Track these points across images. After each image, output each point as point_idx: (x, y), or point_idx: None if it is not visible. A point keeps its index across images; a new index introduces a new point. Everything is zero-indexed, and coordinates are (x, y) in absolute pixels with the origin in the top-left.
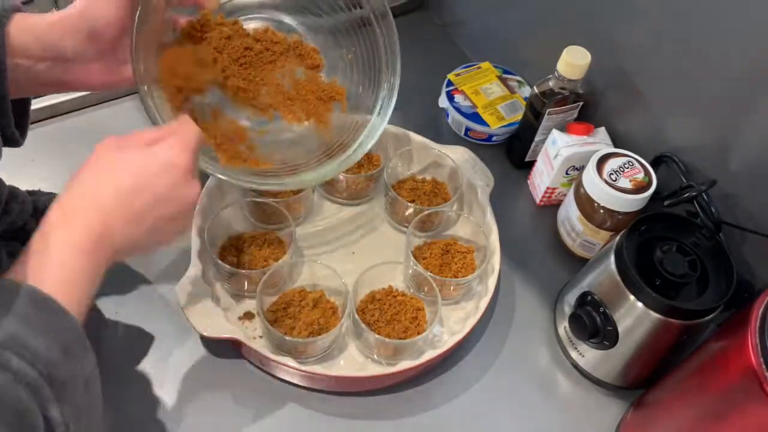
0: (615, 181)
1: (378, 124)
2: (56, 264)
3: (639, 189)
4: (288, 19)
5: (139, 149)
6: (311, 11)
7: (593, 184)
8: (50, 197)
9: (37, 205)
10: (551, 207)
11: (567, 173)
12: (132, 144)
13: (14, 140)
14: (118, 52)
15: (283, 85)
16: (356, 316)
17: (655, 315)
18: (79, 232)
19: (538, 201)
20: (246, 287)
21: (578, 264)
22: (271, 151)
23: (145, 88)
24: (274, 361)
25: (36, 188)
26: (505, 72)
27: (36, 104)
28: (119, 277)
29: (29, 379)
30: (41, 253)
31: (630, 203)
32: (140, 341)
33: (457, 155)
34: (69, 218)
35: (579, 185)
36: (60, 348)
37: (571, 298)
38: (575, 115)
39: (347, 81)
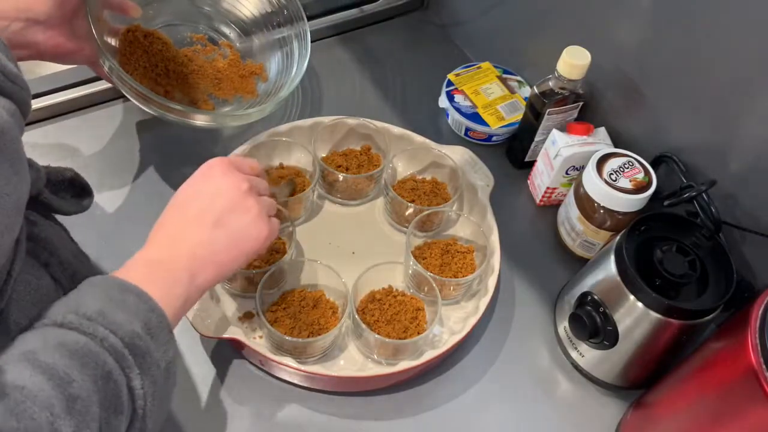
0: (615, 181)
1: (301, 63)
2: (131, 271)
3: (639, 189)
4: (203, 26)
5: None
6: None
7: (593, 184)
8: (60, 169)
9: (50, 177)
10: (551, 207)
11: (567, 173)
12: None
13: None
14: (75, 23)
15: (211, 75)
16: (356, 316)
17: (655, 315)
18: (150, 246)
19: (538, 201)
20: (246, 287)
21: (578, 264)
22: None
23: (104, 59)
24: (274, 361)
25: None
26: (505, 72)
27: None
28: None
29: (113, 344)
30: (120, 271)
31: (630, 203)
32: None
33: (457, 155)
34: (148, 242)
35: (579, 185)
36: (142, 325)
37: (571, 298)
38: (575, 115)
39: (263, 57)
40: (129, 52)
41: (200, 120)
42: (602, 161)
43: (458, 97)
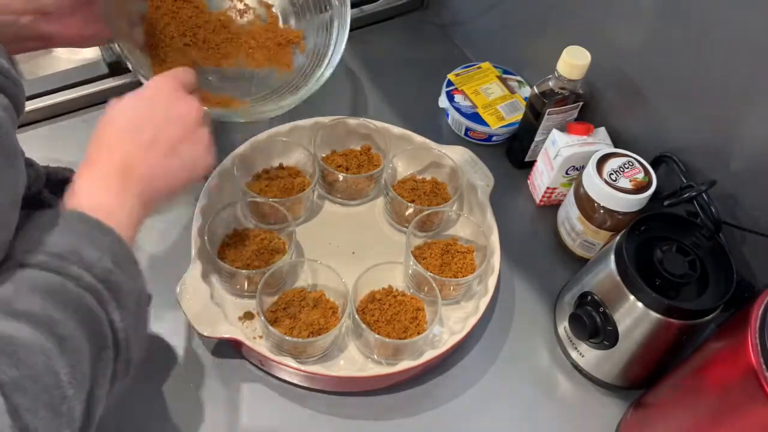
0: (615, 181)
1: (335, 55)
2: (86, 197)
3: (639, 189)
4: None
5: (130, 95)
6: None
7: (593, 184)
8: (60, 169)
9: (50, 176)
10: (551, 207)
11: (567, 173)
12: (125, 95)
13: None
14: (88, 9)
15: (245, 44)
16: (356, 316)
17: (655, 315)
18: (98, 169)
19: (538, 201)
20: (246, 287)
21: (578, 264)
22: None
23: (119, 45)
24: (274, 361)
25: None
26: (505, 72)
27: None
28: None
29: (89, 283)
30: (72, 196)
31: (630, 203)
32: None
33: (457, 155)
34: (89, 164)
35: (579, 185)
36: (112, 259)
37: (571, 298)
38: (575, 115)
39: (302, 24)
40: (155, 20)
41: (231, 118)
42: (602, 161)
43: (458, 97)
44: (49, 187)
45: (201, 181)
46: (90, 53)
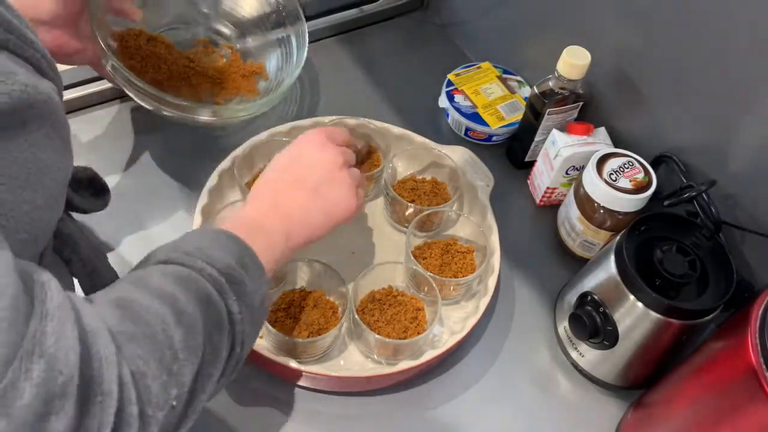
0: (615, 181)
1: (300, 55)
2: (233, 217)
3: (639, 189)
4: (203, 29)
5: (290, 145)
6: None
7: (593, 184)
8: (80, 168)
9: (72, 174)
10: (551, 207)
11: (567, 173)
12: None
13: None
14: (79, 24)
15: (213, 76)
16: (356, 316)
17: (655, 315)
18: (252, 200)
19: (538, 201)
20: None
21: (578, 264)
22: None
23: (107, 60)
24: (274, 361)
25: None
26: (505, 72)
27: None
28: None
29: (211, 274)
30: (224, 220)
31: (630, 203)
32: None
33: (457, 155)
34: (248, 198)
35: (579, 185)
36: (236, 260)
37: (571, 298)
38: (575, 115)
39: (263, 56)
40: (129, 55)
41: (205, 115)
42: (602, 161)
43: (458, 97)
44: (71, 186)
45: (346, 222)
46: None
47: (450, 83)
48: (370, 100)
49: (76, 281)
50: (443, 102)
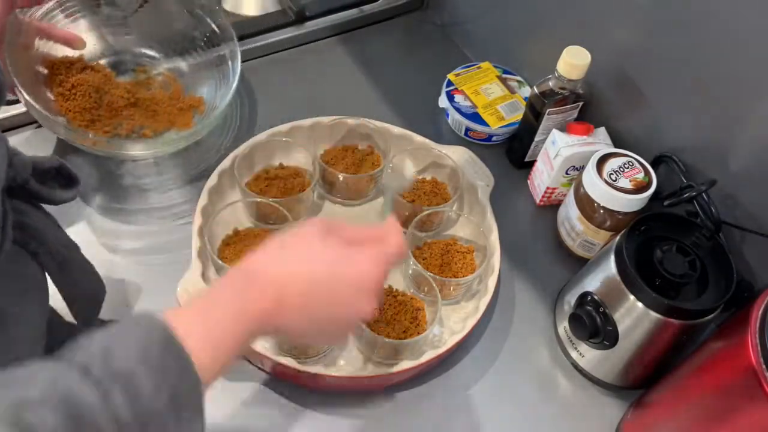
0: (615, 181)
1: (232, 83)
2: (212, 320)
3: (639, 189)
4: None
5: (343, 245)
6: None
7: (593, 184)
8: (47, 158)
9: (36, 166)
10: (551, 207)
11: (567, 173)
12: (338, 235)
13: None
14: None
15: (148, 108)
16: None
17: (655, 315)
18: (252, 300)
19: (538, 201)
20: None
21: (578, 264)
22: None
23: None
24: (274, 361)
25: None
26: (505, 72)
27: None
28: (119, 278)
29: (124, 420)
30: (207, 303)
31: (630, 203)
32: None
33: (457, 155)
34: (250, 282)
35: (579, 185)
36: (168, 399)
37: (571, 298)
38: (575, 115)
39: (200, 84)
40: (57, 83)
41: (133, 150)
42: (602, 161)
43: (458, 97)
44: (36, 177)
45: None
46: (89, 52)
47: (450, 83)
48: (370, 100)
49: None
50: (443, 102)
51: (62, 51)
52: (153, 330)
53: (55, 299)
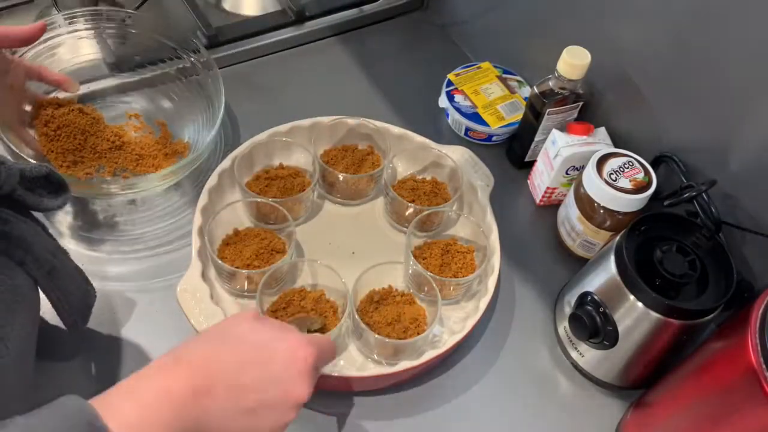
0: (615, 181)
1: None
2: (138, 403)
3: (639, 189)
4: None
5: (275, 327)
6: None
7: (593, 184)
8: (36, 166)
9: (25, 174)
10: (551, 207)
11: (567, 173)
12: (270, 319)
13: None
14: None
15: (134, 152)
16: (356, 316)
17: (655, 315)
18: (181, 382)
19: (538, 201)
20: (246, 287)
21: (578, 264)
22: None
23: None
24: None
25: None
26: (505, 72)
27: None
28: (117, 279)
29: None
30: (134, 386)
31: (630, 203)
32: (140, 341)
33: (457, 155)
34: (178, 362)
35: (579, 185)
36: None
37: (571, 298)
38: (575, 115)
39: (188, 130)
40: (43, 122)
41: (114, 189)
42: (602, 161)
43: (458, 97)
44: (24, 185)
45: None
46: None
47: (450, 83)
48: (370, 100)
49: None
50: (443, 102)
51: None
52: (76, 415)
53: (43, 301)
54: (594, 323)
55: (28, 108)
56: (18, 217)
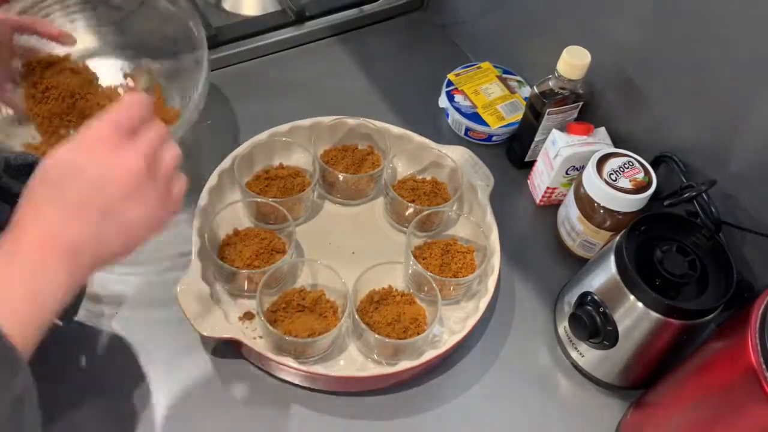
0: (615, 181)
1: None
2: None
3: (639, 189)
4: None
5: (66, 146)
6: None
7: (593, 184)
8: (21, 154)
9: (10, 162)
10: (551, 207)
11: (567, 173)
12: (62, 146)
13: None
14: None
15: None
16: (356, 316)
17: (655, 315)
18: (21, 237)
19: (538, 201)
20: (246, 287)
21: (578, 264)
22: None
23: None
24: (274, 361)
25: None
26: (505, 72)
27: None
28: (116, 278)
29: None
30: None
31: (630, 203)
32: (140, 341)
33: (457, 155)
34: (14, 231)
35: (579, 185)
36: None
37: (571, 298)
38: (575, 115)
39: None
40: (32, 82)
41: None
42: (602, 161)
43: (458, 97)
44: (9, 173)
45: (158, 234)
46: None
47: (450, 83)
48: (370, 100)
49: None
50: (443, 102)
51: (53, 48)
52: None
53: None
54: (594, 323)
55: (19, 66)
56: (3, 205)
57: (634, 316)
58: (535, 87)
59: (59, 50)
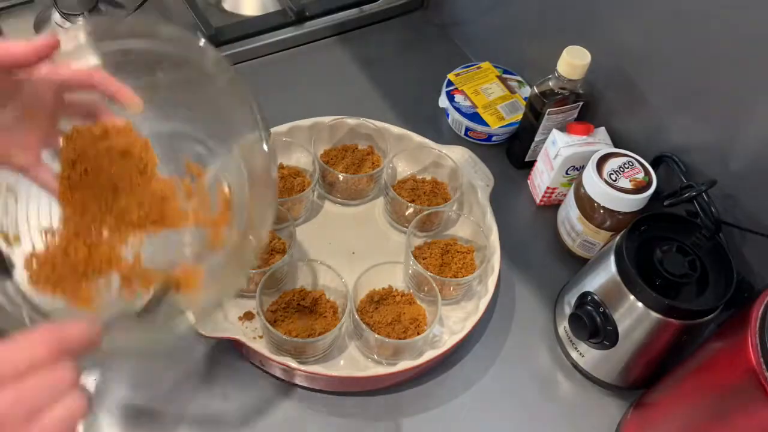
0: (615, 181)
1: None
2: None
3: (639, 189)
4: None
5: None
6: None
7: (593, 184)
8: None
9: None
10: (551, 207)
11: (567, 173)
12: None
13: None
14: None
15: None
16: (356, 316)
17: (655, 315)
18: None
19: (538, 201)
20: (246, 287)
21: (578, 264)
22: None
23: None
24: (274, 361)
25: None
26: (505, 72)
27: None
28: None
29: None
30: None
31: (630, 203)
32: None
33: (457, 155)
34: None
35: (579, 185)
36: None
37: (571, 298)
38: (575, 115)
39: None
40: (71, 160)
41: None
42: (602, 161)
43: (458, 97)
44: None
45: None
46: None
47: (450, 83)
48: (370, 100)
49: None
50: (443, 102)
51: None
52: None
53: None
54: (594, 323)
55: (65, 129)
56: None
57: (634, 316)
58: (535, 87)
59: (119, 117)
